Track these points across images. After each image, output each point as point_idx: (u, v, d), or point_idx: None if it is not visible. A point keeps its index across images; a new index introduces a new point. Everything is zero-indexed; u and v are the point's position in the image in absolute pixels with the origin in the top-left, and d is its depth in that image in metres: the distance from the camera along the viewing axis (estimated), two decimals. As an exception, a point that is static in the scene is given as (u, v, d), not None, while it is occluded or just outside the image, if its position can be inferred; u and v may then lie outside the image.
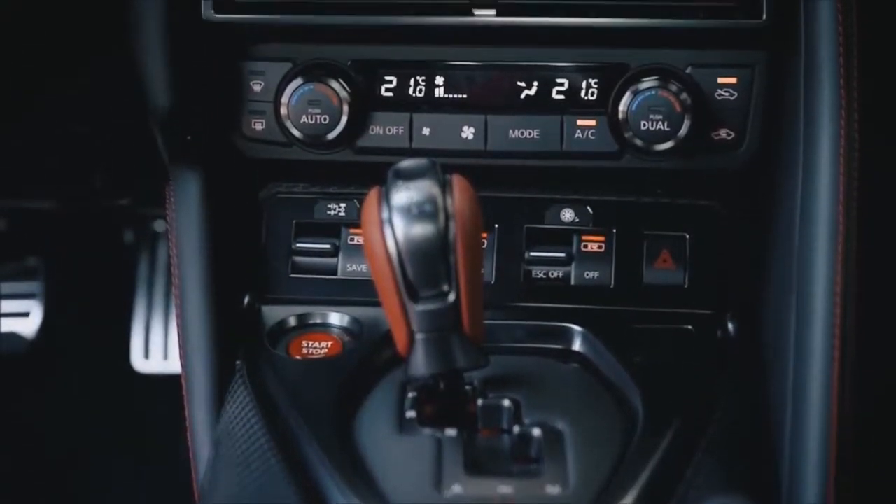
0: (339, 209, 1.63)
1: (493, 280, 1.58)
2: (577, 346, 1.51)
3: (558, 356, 1.50)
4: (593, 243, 1.59)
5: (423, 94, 1.55)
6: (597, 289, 1.58)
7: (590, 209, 1.60)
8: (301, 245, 1.63)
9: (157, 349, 2.78)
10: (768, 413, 1.42)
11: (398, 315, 1.20)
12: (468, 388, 1.33)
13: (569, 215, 1.60)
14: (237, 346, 1.53)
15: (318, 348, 1.54)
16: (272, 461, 1.30)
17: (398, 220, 1.16)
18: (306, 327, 1.58)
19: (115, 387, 2.73)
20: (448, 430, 1.28)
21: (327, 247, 1.62)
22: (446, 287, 1.19)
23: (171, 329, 2.75)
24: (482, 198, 1.21)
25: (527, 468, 1.27)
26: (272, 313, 1.59)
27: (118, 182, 2.05)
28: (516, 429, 1.30)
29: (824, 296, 1.33)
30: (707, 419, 1.35)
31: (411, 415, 1.32)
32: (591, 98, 1.53)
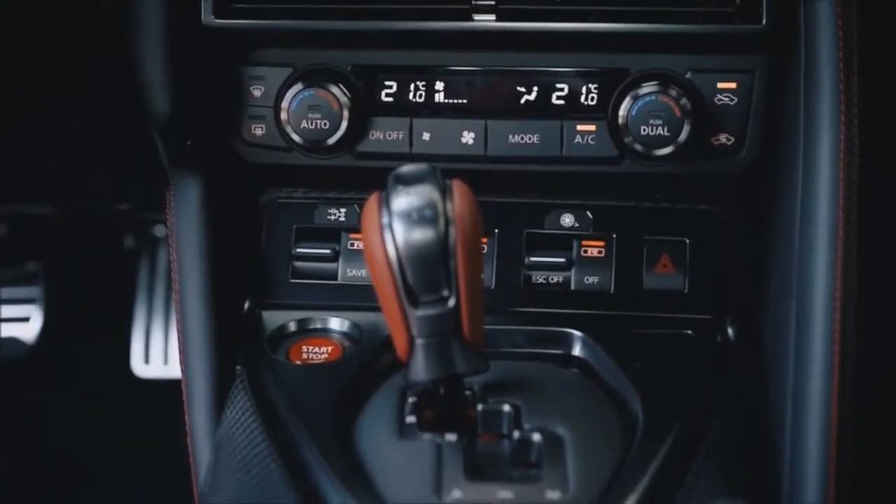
0: (339, 214, 1.63)
1: (493, 285, 1.58)
2: (577, 351, 1.51)
3: (558, 361, 1.50)
4: (593, 248, 1.59)
5: (423, 100, 1.55)
6: (597, 294, 1.58)
7: (590, 214, 1.60)
8: (301, 250, 1.63)
9: (158, 354, 2.78)
10: (768, 418, 1.42)
11: (398, 320, 1.20)
12: (468, 393, 1.33)
13: (569, 220, 1.60)
14: (237, 351, 1.53)
15: (318, 353, 1.54)
16: (272, 466, 1.30)
17: (398, 226, 1.16)
18: (306, 332, 1.58)
19: (116, 392, 2.73)
20: (448, 435, 1.28)
21: (327, 252, 1.62)
22: (446, 292, 1.19)
23: (172, 334, 2.75)
24: (482, 203, 1.21)
25: (527, 473, 1.27)
26: (272, 318, 1.59)
27: (118, 187, 2.05)
28: (516, 434, 1.30)
29: (824, 300, 1.33)
30: (707, 424, 1.35)
31: (411, 420, 1.32)
32: (590, 103, 1.53)
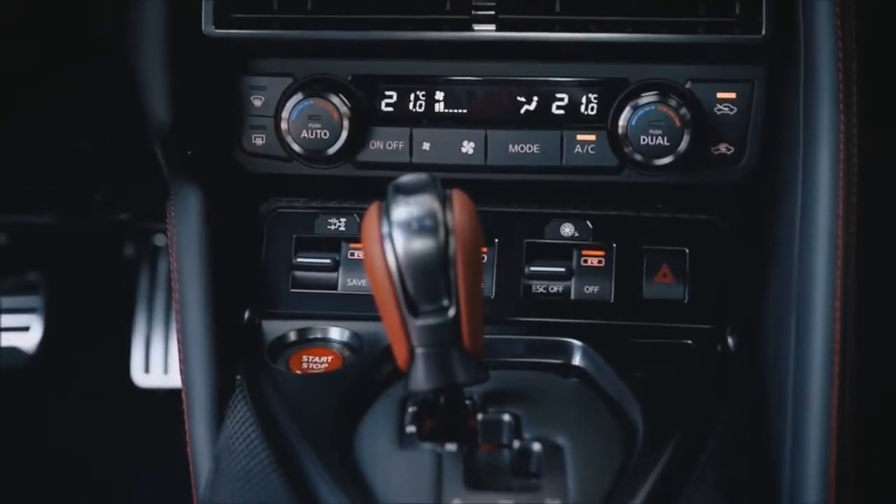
0: (339, 224, 1.63)
1: (493, 295, 1.58)
2: (576, 360, 1.51)
3: (558, 371, 1.50)
4: (593, 258, 1.59)
5: (423, 109, 1.55)
6: (597, 303, 1.58)
7: (590, 224, 1.60)
8: (301, 260, 1.63)
9: (158, 364, 2.78)
10: (768, 427, 1.42)
11: (398, 330, 1.20)
12: (468, 402, 1.33)
13: (569, 230, 1.60)
14: (237, 360, 1.53)
15: (318, 363, 1.54)
16: (272, 476, 1.30)
17: (398, 235, 1.16)
18: (306, 342, 1.58)
19: (116, 401, 2.73)
20: (448, 445, 1.28)
21: (327, 261, 1.62)
22: (446, 302, 1.19)
23: (172, 343, 2.75)
24: (482, 212, 1.21)
25: (527, 483, 1.26)
26: (272, 328, 1.59)
27: (119, 196, 2.05)
28: (516, 443, 1.30)
29: (824, 309, 1.33)
30: (707, 433, 1.35)
31: (411, 429, 1.31)
32: (590, 113, 1.53)
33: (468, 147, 1.55)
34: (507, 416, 1.32)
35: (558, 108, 1.54)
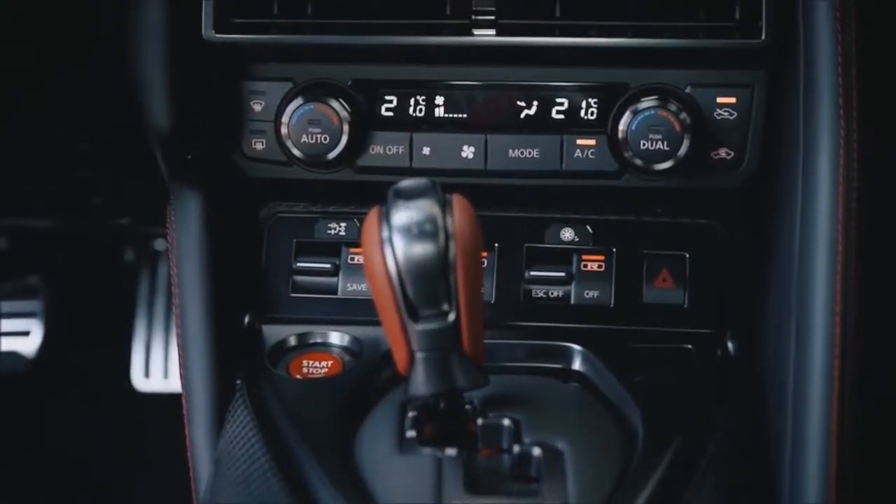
0: (339, 228, 1.63)
1: (493, 299, 1.58)
2: (576, 365, 1.51)
3: (558, 375, 1.50)
4: (593, 262, 1.59)
5: (423, 114, 1.55)
6: (596, 308, 1.58)
7: (589, 228, 1.60)
8: (301, 264, 1.63)
9: (158, 368, 2.78)
10: (768, 432, 1.42)
11: (398, 334, 1.20)
12: (468, 407, 1.33)
13: (568, 234, 1.60)
14: (237, 365, 1.53)
15: (318, 368, 1.54)
16: (272, 480, 1.30)
17: (398, 240, 1.16)
18: (306, 347, 1.58)
19: (116, 405, 2.73)
20: (448, 450, 1.28)
21: (328, 266, 1.62)
22: (446, 306, 1.18)
23: (172, 348, 2.75)
24: (482, 217, 1.21)
25: (527, 487, 1.26)
26: (272, 333, 1.59)
27: (119, 200, 2.05)
28: (516, 448, 1.30)
29: (824, 314, 1.33)
30: (707, 438, 1.35)
31: (411, 434, 1.31)
32: (590, 118, 1.53)
33: (468, 152, 1.55)
34: (507, 421, 1.32)
35: (558, 112, 1.54)
